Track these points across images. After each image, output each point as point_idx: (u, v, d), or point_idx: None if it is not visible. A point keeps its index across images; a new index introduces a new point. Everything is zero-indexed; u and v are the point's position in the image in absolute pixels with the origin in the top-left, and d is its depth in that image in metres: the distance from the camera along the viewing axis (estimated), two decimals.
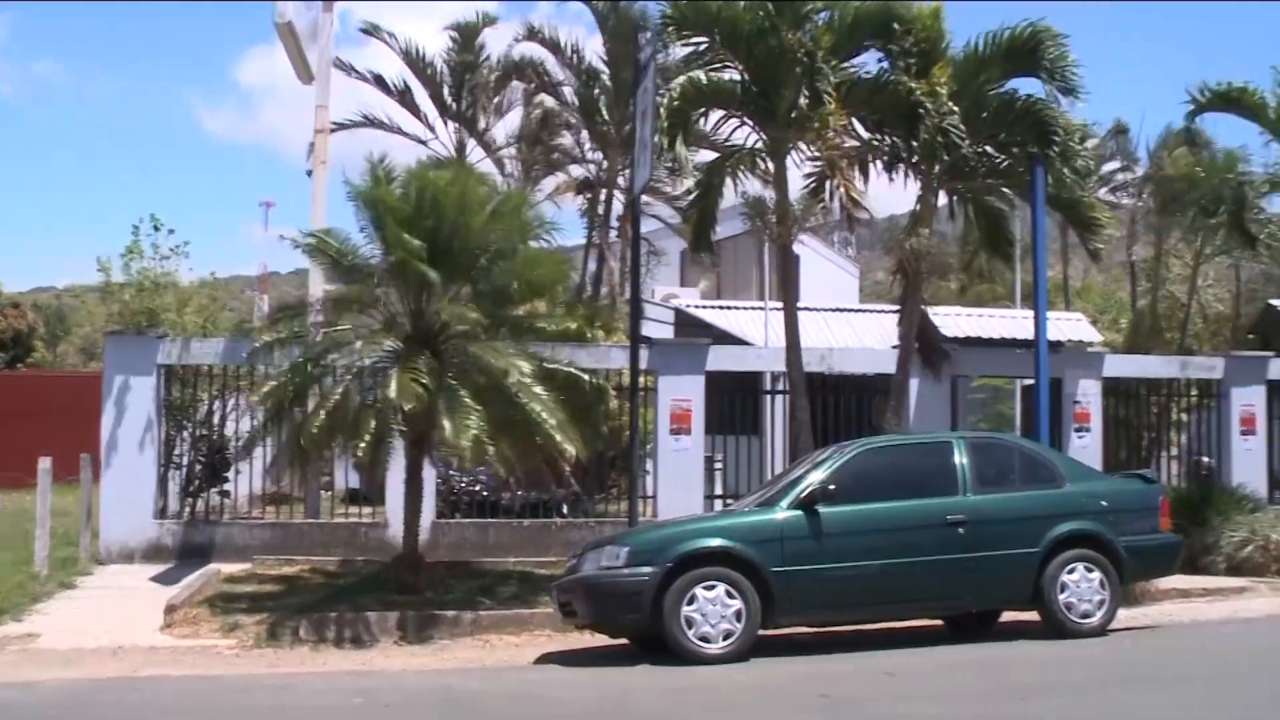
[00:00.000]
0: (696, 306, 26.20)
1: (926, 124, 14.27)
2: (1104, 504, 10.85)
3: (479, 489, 16.11)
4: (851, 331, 24.22)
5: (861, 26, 14.79)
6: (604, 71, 22.88)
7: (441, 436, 11.14)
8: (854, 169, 15.22)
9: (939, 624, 11.21)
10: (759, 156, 15.50)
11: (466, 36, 23.68)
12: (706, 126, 16.03)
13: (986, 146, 15.35)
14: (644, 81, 13.58)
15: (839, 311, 25.98)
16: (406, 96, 24.18)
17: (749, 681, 9.08)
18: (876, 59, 15.24)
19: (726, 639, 9.64)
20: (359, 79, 23.77)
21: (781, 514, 10.18)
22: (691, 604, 9.64)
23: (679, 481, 15.46)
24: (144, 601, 12.00)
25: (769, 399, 17.76)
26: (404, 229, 11.50)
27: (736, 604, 9.69)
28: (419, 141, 24.13)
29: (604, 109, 23.21)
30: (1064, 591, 10.39)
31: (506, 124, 24.90)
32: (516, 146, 24.66)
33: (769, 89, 14.69)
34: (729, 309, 25.98)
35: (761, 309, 24.66)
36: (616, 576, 9.87)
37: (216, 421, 16.21)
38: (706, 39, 14.88)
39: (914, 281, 15.49)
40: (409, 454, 12.21)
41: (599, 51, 22.94)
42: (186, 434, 15.93)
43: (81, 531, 14.54)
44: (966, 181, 15.76)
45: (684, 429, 15.63)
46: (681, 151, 14.67)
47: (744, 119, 15.49)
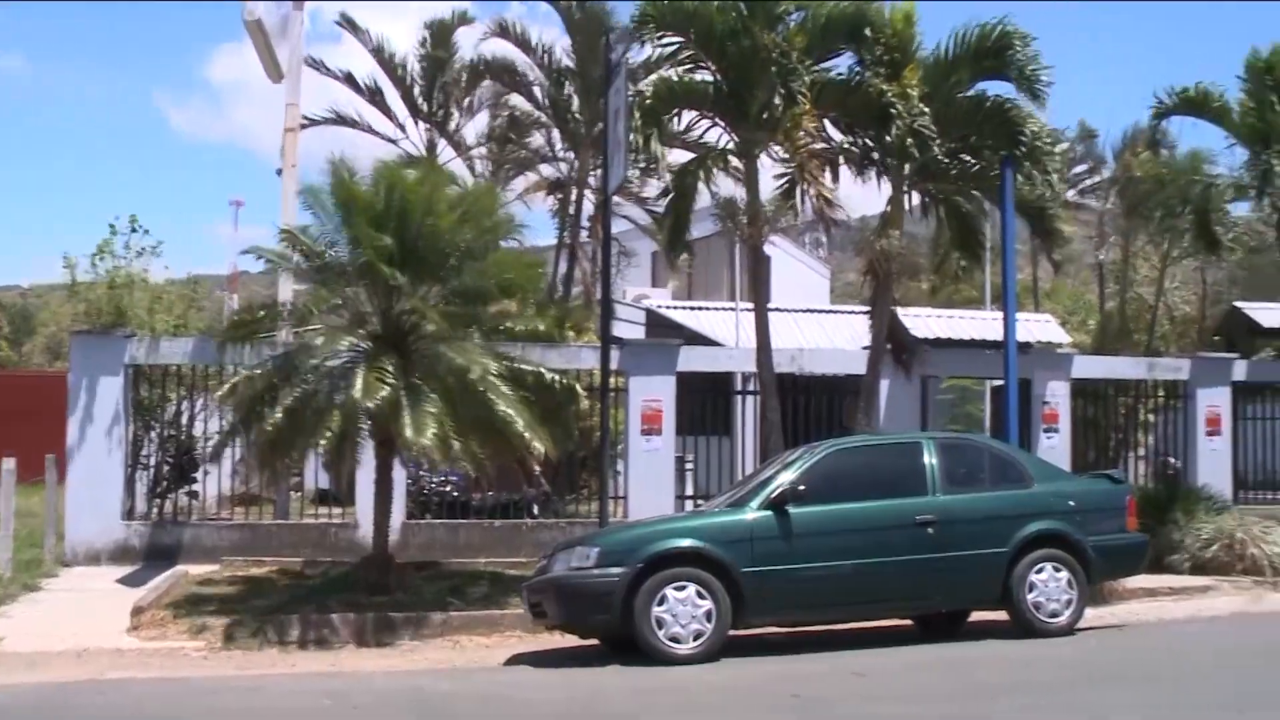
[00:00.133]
0: (667, 307, 26.23)
1: (898, 126, 14.34)
2: (1072, 504, 10.92)
3: (449, 489, 16.07)
4: (822, 332, 24.33)
5: (834, 29, 14.83)
6: (574, 71, 22.86)
7: (402, 434, 11.05)
8: (825, 170, 15.26)
9: (909, 624, 11.25)
10: (730, 156, 15.53)
11: (440, 34, 23.64)
12: (679, 127, 16.06)
13: (957, 147, 15.43)
14: (615, 81, 13.57)
15: (810, 312, 26.09)
16: (377, 95, 24.14)
17: (719, 682, 9.09)
18: (849, 61, 15.32)
19: (697, 639, 9.65)
20: (329, 76, 23.73)
21: (752, 514, 10.20)
22: (662, 604, 9.64)
23: (650, 482, 15.47)
24: (110, 603, 11.88)
25: (740, 399, 17.79)
26: (372, 227, 11.46)
27: (707, 604, 9.70)
28: (389, 141, 24.11)
29: (575, 108, 23.20)
30: (1032, 591, 10.45)
31: (477, 124, 24.91)
32: (487, 146, 24.63)
33: (741, 90, 14.72)
34: (700, 309, 26.03)
35: (733, 309, 24.71)
36: (587, 577, 9.85)
37: (185, 422, 16.10)
38: (681, 39, 14.89)
39: (884, 282, 15.55)
40: (378, 454, 12.16)
41: (569, 50, 22.93)
42: (154, 434, 15.81)
43: (47, 533, 14.39)
44: (937, 183, 15.84)
45: (655, 429, 15.63)
46: (657, 150, 14.69)
47: (716, 120, 15.53)
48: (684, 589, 9.70)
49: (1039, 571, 10.49)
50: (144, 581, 12.87)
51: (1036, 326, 25.25)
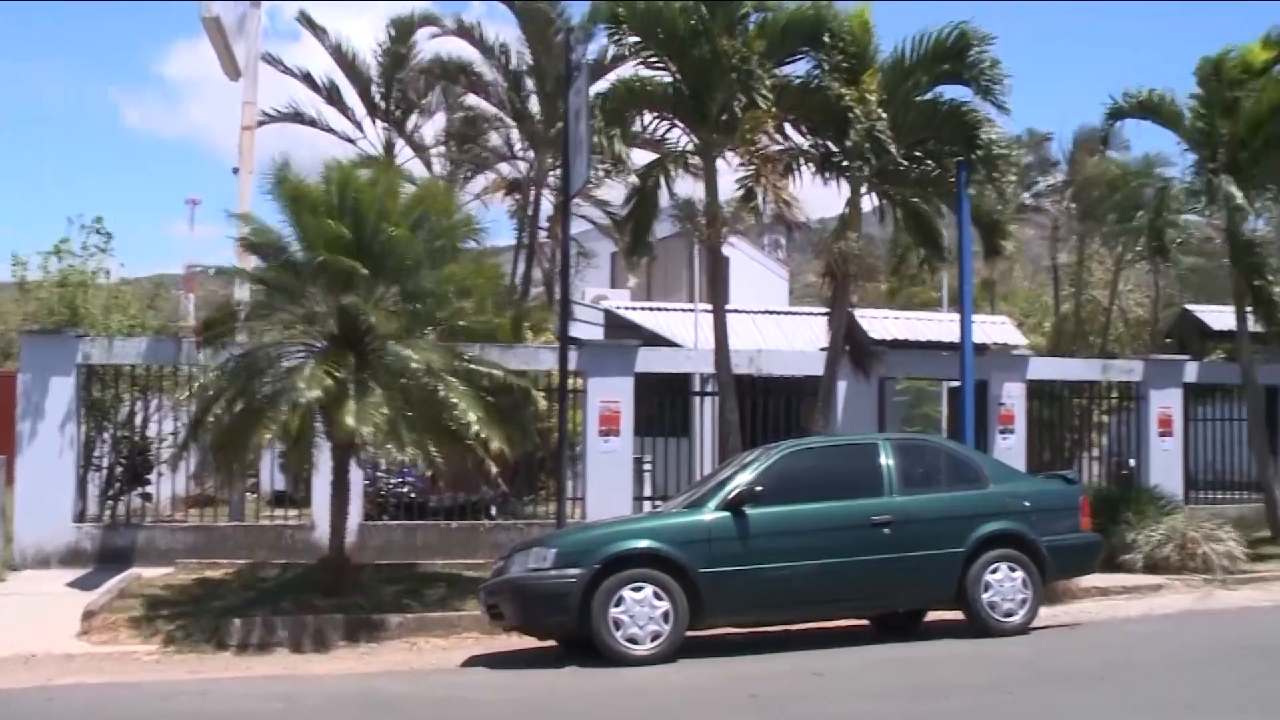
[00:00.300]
0: (626, 308, 26.24)
1: (856, 130, 14.40)
2: (1027, 504, 11.01)
3: (407, 490, 16.00)
4: (781, 333, 24.41)
5: (794, 32, 14.90)
6: (532, 70, 22.80)
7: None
8: (784, 173, 15.30)
9: (866, 623, 11.29)
10: (690, 156, 15.54)
11: (402, 32, 23.50)
12: (639, 128, 16.06)
13: (915, 150, 15.52)
14: (576, 81, 13.55)
15: (769, 314, 26.19)
16: (335, 94, 23.99)
17: (677, 682, 9.09)
18: (808, 65, 15.37)
19: (654, 640, 9.64)
20: (287, 74, 23.52)
21: (709, 515, 10.21)
22: (619, 605, 9.63)
23: (608, 483, 15.46)
24: (60, 607, 11.71)
25: (698, 400, 17.82)
26: (325, 227, 11.38)
27: (664, 605, 9.70)
28: (347, 140, 23.97)
29: (533, 108, 23.14)
30: (988, 591, 10.54)
31: (436, 123, 24.78)
32: (446, 146, 24.52)
33: (701, 92, 14.76)
34: (659, 310, 26.06)
35: (691, 311, 24.76)
36: (544, 578, 9.83)
37: (139, 423, 15.91)
38: (645, 40, 14.89)
39: (843, 284, 15.62)
40: (334, 455, 12.07)
41: (525, 48, 22.86)
42: (107, 435, 15.62)
43: None
44: (896, 185, 15.92)
45: (613, 430, 15.63)
46: (621, 151, 14.70)
47: (675, 121, 15.56)
48: (641, 590, 9.70)
49: (994, 571, 10.58)
50: (96, 585, 12.71)
51: (993, 328, 25.50)
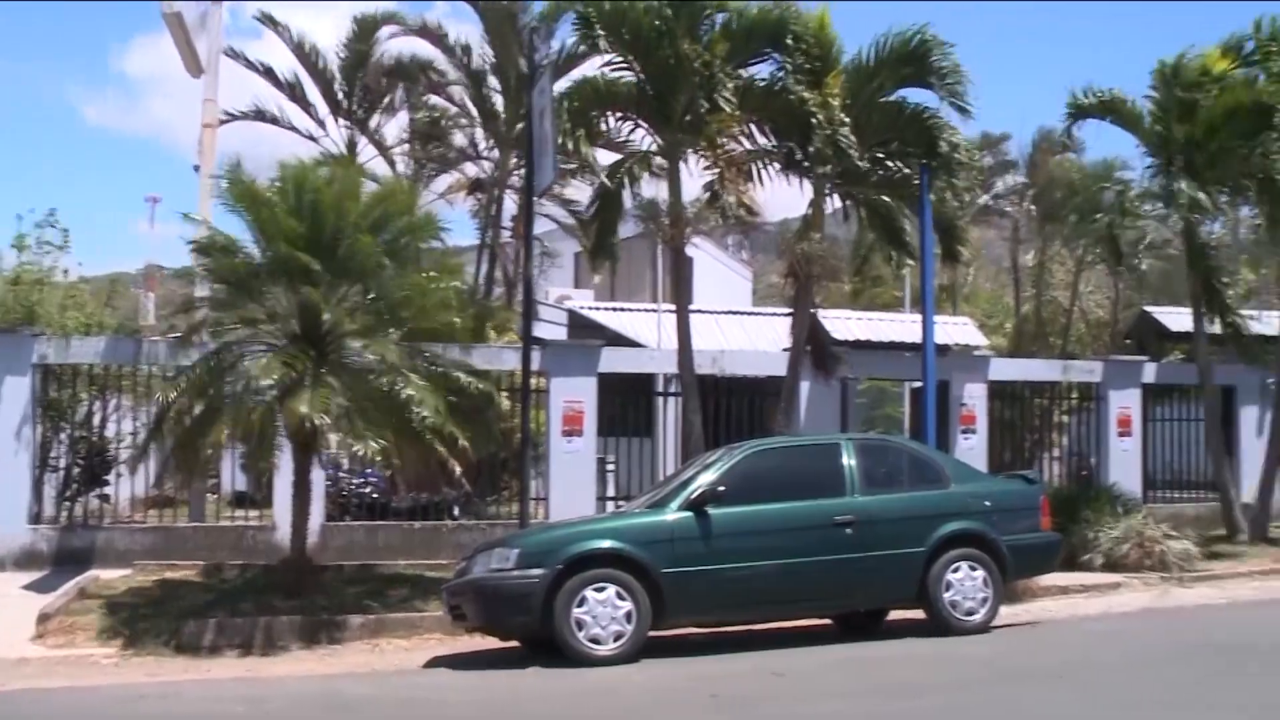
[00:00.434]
0: (590, 308, 26.19)
1: (818, 135, 14.46)
2: (988, 504, 11.09)
3: (369, 491, 15.91)
4: (744, 334, 24.45)
5: (756, 34, 14.92)
6: (495, 69, 22.72)
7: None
8: (747, 176, 15.33)
9: (828, 623, 11.35)
10: (654, 157, 15.55)
11: (364, 30, 23.35)
12: (604, 128, 16.04)
13: (879, 152, 15.60)
14: (540, 81, 13.52)
15: (732, 314, 26.22)
16: (297, 91, 23.76)
17: (639, 682, 9.10)
18: (772, 66, 15.41)
19: (617, 640, 9.65)
20: (249, 68, 23.29)
21: (672, 515, 10.22)
22: (582, 606, 9.63)
23: (571, 483, 15.44)
24: (15, 611, 11.56)
25: (661, 401, 17.83)
26: (282, 222, 11.32)
27: (627, 605, 9.70)
28: (310, 138, 23.73)
29: (496, 107, 23.06)
30: (949, 590, 10.61)
31: (399, 122, 24.63)
32: (409, 144, 24.38)
33: (665, 93, 14.76)
34: (622, 310, 26.03)
35: (655, 311, 24.76)
36: (507, 579, 9.81)
37: (97, 423, 15.73)
38: (611, 39, 14.87)
39: (805, 285, 15.66)
40: (296, 455, 12.00)
41: (488, 51, 22.78)
42: (65, 436, 15.44)
43: None
44: (859, 186, 15.99)
45: (576, 431, 15.62)
46: (587, 152, 14.69)
47: (639, 122, 15.56)
48: (604, 590, 9.70)
49: (955, 570, 10.66)
50: (52, 587, 12.55)
51: (955, 329, 25.62)
